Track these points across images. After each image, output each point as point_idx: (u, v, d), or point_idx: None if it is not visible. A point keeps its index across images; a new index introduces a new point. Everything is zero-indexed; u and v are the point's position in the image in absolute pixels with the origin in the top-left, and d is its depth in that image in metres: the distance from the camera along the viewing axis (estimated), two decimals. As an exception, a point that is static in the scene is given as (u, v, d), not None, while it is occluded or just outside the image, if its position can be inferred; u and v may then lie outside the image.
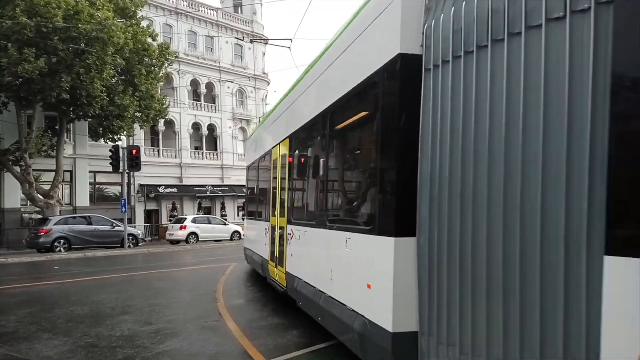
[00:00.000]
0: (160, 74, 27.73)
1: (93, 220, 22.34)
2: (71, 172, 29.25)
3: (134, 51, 23.99)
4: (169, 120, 33.83)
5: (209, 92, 37.71)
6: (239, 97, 39.81)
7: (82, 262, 17.18)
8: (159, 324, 6.75)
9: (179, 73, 35.15)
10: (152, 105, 26.23)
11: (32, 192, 23.44)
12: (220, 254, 18.82)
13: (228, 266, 13.45)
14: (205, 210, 35.39)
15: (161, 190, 33.21)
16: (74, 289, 10.73)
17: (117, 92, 23.33)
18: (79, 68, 20.32)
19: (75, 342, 5.91)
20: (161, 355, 5.28)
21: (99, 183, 31.33)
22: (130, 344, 5.71)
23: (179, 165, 35.12)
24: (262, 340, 5.75)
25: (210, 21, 37.81)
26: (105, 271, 13.63)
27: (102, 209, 26.48)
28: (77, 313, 7.70)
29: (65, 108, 22.94)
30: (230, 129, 38.26)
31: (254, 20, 40.85)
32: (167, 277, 12.68)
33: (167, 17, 35.05)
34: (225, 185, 36.63)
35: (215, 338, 5.98)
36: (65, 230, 20.77)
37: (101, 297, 9.26)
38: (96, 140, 28.26)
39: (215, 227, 27.90)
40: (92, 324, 6.87)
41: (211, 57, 37.66)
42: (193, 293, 9.74)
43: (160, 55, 26.67)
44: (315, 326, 5.04)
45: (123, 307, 8.02)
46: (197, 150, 37.00)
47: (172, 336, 6.04)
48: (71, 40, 19.97)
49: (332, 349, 5.32)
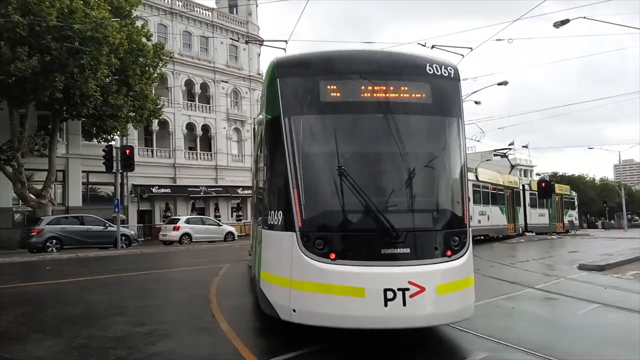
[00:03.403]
0: (155, 74, 27.68)
1: (86, 220, 22.20)
2: (64, 171, 29.12)
3: (129, 51, 23.93)
4: (163, 121, 33.75)
5: (203, 92, 37.65)
6: (234, 98, 39.77)
7: (74, 262, 17.07)
8: (152, 325, 6.72)
9: (173, 73, 35.07)
10: (146, 105, 26.17)
11: (24, 191, 23.29)
12: (213, 255, 18.77)
13: (221, 267, 13.42)
14: (199, 211, 35.31)
15: (155, 190, 33.10)
16: (66, 289, 10.66)
17: (111, 91, 23.24)
18: (73, 67, 20.23)
19: (67, 343, 5.87)
20: (154, 356, 5.25)
21: (92, 183, 31.20)
22: (122, 345, 5.68)
23: (172, 166, 35.01)
24: (256, 341, 5.74)
25: (206, 22, 37.77)
26: (97, 272, 13.55)
27: (95, 209, 26.34)
28: (69, 314, 7.65)
29: (59, 107, 22.83)
30: (224, 130, 38.21)
31: (249, 21, 40.86)
32: (160, 278, 12.63)
33: (162, 17, 34.96)
34: (220, 186, 36.56)
35: (208, 339, 5.97)
36: (58, 230, 20.63)
37: (93, 297, 9.21)
38: (89, 140, 28.16)
39: (209, 228, 27.85)
40: (84, 324, 6.82)
41: (206, 58, 37.62)
42: (186, 294, 9.71)
43: (155, 55, 26.62)
44: (308, 328, 5.04)
45: (116, 308, 7.97)
46: (191, 150, 36.92)
47: (165, 337, 6.01)
48: (65, 40, 19.88)
49: (326, 351, 5.32)
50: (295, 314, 5.02)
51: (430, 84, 5.59)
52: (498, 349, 5.36)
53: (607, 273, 12.11)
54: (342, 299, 4.77)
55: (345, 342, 5.44)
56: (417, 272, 4.82)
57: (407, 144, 5.29)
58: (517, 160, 72.51)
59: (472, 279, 5.40)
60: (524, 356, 5.11)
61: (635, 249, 18.26)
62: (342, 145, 5.29)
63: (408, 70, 5.66)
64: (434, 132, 5.71)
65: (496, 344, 5.53)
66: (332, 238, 4.99)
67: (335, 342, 5.43)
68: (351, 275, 4.80)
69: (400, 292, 4.67)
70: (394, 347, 5.46)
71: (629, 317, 7.19)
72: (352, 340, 5.43)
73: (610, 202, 67.54)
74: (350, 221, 5.08)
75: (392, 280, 4.74)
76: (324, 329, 5.04)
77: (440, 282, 4.93)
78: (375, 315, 4.73)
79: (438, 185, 5.55)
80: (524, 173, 72.72)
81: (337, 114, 5.49)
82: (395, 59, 5.92)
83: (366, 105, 5.43)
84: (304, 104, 5.48)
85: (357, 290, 4.73)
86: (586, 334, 6.28)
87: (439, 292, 4.89)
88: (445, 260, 5.06)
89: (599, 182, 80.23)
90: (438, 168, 5.51)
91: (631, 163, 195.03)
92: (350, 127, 5.55)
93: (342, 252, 4.92)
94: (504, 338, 5.69)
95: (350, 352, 5.36)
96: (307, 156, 5.30)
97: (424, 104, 5.57)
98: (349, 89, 5.45)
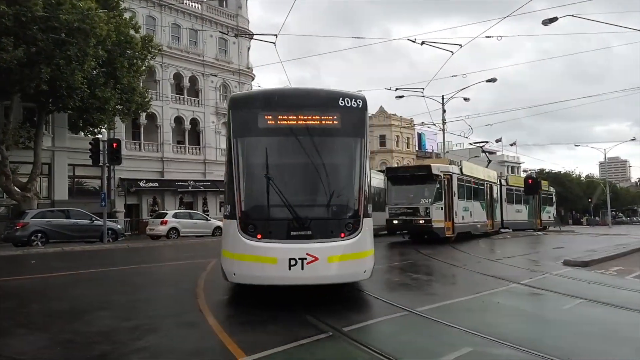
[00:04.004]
0: (143, 66, 27.45)
1: (72, 214, 21.95)
2: (50, 164, 28.77)
3: (117, 43, 23.66)
4: (151, 114, 33.47)
5: (192, 86, 37.36)
6: (223, 92, 39.52)
7: (60, 256, 16.89)
8: (138, 319, 6.68)
9: (162, 66, 34.75)
10: (133, 98, 25.92)
11: (9, 184, 22.99)
12: (201, 249, 18.69)
13: (209, 262, 13.37)
14: (187, 205, 35.10)
15: (142, 184, 32.84)
16: (52, 284, 10.55)
17: (98, 84, 22.97)
18: (59, 59, 19.95)
19: (51, 337, 5.82)
20: (140, 351, 5.22)
21: (78, 176, 30.87)
22: (108, 339, 5.63)
23: (160, 160, 34.76)
24: (242, 336, 5.73)
25: (195, 14, 37.44)
26: (83, 266, 13.43)
27: (81, 203, 26.05)
28: (55, 308, 7.58)
29: (45, 99, 22.51)
30: (213, 124, 37.97)
31: (239, 15, 40.57)
32: (147, 273, 12.55)
33: (151, 9, 34.59)
34: (208, 180, 36.38)
35: (195, 334, 5.95)
36: (43, 224, 20.37)
37: (79, 292, 9.13)
38: (76, 133, 27.84)
39: (197, 223, 27.68)
40: (69, 319, 6.76)
41: (195, 51, 37.31)
42: (173, 289, 9.66)
43: (143, 47, 26.35)
44: (295, 322, 5.05)
45: (101, 303, 7.91)
46: (180, 144, 36.66)
47: (152, 332, 5.98)
48: (51, 30, 19.59)
49: (312, 345, 5.34)
50: (235, 276, 7.24)
51: (340, 113, 7.56)
52: (483, 344, 5.41)
53: (591, 269, 12.28)
54: (264, 265, 6.89)
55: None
56: (313, 247, 6.88)
57: (319, 158, 7.37)
58: (505, 157, 73.23)
59: (366, 253, 7.39)
60: (509, 351, 5.17)
61: (618, 245, 18.54)
62: (270, 159, 7.49)
63: (324, 103, 7.63)
64: (340, 149, 7.75)
65: (481, 338, 5.58)
66: (259, 224, 7.10)
67: (325, 336, 5.43)
68: (269, 249, 6.93)
69: (300, 261, 6.75)
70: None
71: (612, 313, 7.30)
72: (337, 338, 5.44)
73: (595, 199, 68.41)
74: (271, 213, 7.25)
75: (295, 252, 6.81)
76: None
77: (331, 255, 6.96)
78: (283, 276, 6.85)
79: (338, 188, 7.42)
80: (512, 170, 73.38)
81: (269, 137, 7.63)
82: (316, 94, 7.87)
83: (291, 130, 7.44)
84: (247, 128, 7.57)
85: (272, 259, 6.86)
86: (571, 329, 6.36)
87: (330, 261, 6.93)
88: (338, 240, 7.09)
89: (585, 179, 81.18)
90: (341, 175, 7.61)
91: (616, 161, 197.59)
92: (277, 146, 7.67)
93: (265, 234, 7.04)
94: (489, 333, 5.74)
95: (336, 346, 5.37)
96: (246, 166, 7.45)
97: (334, 128, 7.59)
98: (279, 118, 7.50)
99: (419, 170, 21.38)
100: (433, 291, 9.43)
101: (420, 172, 20.87)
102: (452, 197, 20.76)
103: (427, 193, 19.96)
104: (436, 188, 19.90)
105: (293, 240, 6.96)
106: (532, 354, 5.00)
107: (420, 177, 20.44)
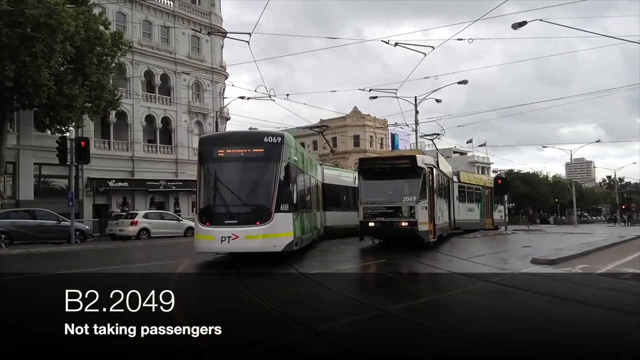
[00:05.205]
0: (113, 63, 26.87)
1: (38, 214, 21.31)
2: (14, 163, 27.92)
3: (85, 39, 23.10)
4: (121, 112, 32.79)
5: (164, 84, 36.78)
6: (196, 90, 39.05)
7: (24, 258, 16.37)
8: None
9: (132, 63, 34.08)
10: (103, 96, 25.35)
11: (-29, 184, 22.17)
12: (172, 250, 18.41)
13: (181, 263, 13.18)
14: (158, 205, 34.54)
15: (111, 184, 32.16)
16: (15, 287, 10.19)
17: (66, 81, 22.38)
18: (25, 55, 19.37)
19: (17, 342, 5.62)
20: (110, 352, 5.10)
21: (44, 176, 30.03)
22: (76, 343, 5.48)
23: (130, 159, 34.11)
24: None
25: (167, 11, 36.86)
26: (49, 268, 13.06)
27: (48, 203, 25.31)
28: (19, 312, 7.32)
29: (9, 96, 21.82)
30: (185, 123, 37.44)
31: (212, 12, 40.12)
32: (115, 275, 12.26)
33: (121, 5, 33.84)
34: (180, 180, 35.87)
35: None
36: (7, 225, 19.66)
37: (45, 295, 8.85)
38: (42, 131, 27.09)
39: (169, 223, 27.27)
40: (35, 323, 6.54)
41: (167, 48, 36.75)
42: (143, 291, 9.46)
43: (113, 44, 25.82)
44: (271, 323, 5.03)
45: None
46: (151, 143, 36.03)
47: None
48: (16, 26, 18.98)
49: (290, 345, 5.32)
50: (196, 248, 12.31)
51: (265, 147, 12.21)
52: (454, 342, 5.48)
53: (558, 267, 12.59)
54: (208, 240, 11.77)
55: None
56: (236, 230, 11.43)
57: (249, 175, 12.19)
58: (475, 158, 74.61)
59: (277, 235, 11.67)
60: (480, 348, 5.25)
61: (584, 243, 19.08)
62: (219, 176, 12.12)
63: (255, 140, 12.53)
64: (262, 169, 12.22)
65: (453, 336, 5.65)
66: (207, 216, 11.92)
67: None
68: (211, 231, 11.69)
69: (227, 238, 11.38)
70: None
71: (578, 309, 7.50)
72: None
73: (562, 199, 70.32)
74: (215, 209, 11.98)
75: (225, 233, 11.42)
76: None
77: (248, 235, 11.46)
78: (218, 247, 11.81)
79: (258, 194, 12.01)
80: (482, 170, 74.76)
81: (220, 162, 12.29)
82: (250, 135, 14.11)
83: (233, 158, 12.32)
84: (208, 157, 12.50)
85: (212, 237, 11.64)
86: (539, 325, 6.50)
87: (247, 238, 11.41)
88: (255, 225, 11.58)
89: (552, 180, 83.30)
90: (261, 186, 12.08)
91: (582, 162, 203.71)
92: (224, 168, 12.28)
93: (210, 222, 11.82)
94: (460, 330, 5.82)
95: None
96: (206, 181, 12.37)
97: (260, 156, 12.23)
98: (226, 151, 12.34)
99: (400, 161, 17.55)
100: (405, 289, 9.51)
101: (402, 164, 17.17)
102: (434, 195, 17.66)
103: (410, 189, 16.50)
104: (421, 183, 16.51)
105: (225, 226, 11.52)
106: (502, 350, 5.09)
107: (402, 169, 16.90)
